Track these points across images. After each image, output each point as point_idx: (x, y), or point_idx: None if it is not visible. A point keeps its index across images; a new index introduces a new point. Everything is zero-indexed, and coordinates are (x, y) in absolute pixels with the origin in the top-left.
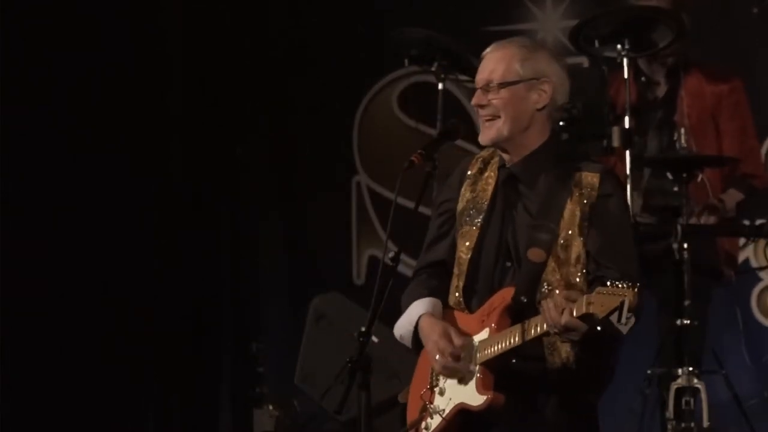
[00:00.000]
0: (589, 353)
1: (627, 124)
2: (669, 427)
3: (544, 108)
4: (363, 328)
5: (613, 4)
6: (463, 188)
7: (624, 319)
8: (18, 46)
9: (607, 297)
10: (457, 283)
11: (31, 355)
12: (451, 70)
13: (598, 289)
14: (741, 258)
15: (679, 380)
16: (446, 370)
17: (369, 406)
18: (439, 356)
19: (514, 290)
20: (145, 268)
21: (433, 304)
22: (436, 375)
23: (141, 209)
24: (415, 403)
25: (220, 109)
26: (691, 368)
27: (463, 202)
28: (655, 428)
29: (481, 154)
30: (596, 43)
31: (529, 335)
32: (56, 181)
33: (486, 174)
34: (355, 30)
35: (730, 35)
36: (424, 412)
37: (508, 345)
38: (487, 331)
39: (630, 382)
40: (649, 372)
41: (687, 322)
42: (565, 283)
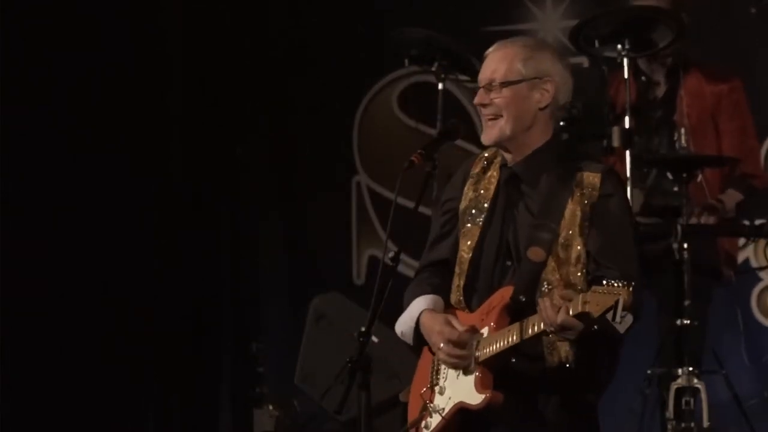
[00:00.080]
0: (588, 353)
1: (627, 124)
2: (669, 427)
3: (546, 107)
4: (363, 328)
5: (613, 4)
6: (466, 187)
7: (618, 318)
8: (18, 46)
9: (603, 296)
10: (458, 282)
11: (31, 355)
12: (451, 70)
13: (593, 288)
14: (741, 258)
15: (679, 380)
16: (451, 358)
17: (369, 406)
18: (444, 344)
19: (513, 289)
20: (145, 268)
21: (434, 301)
22: (437, 373)
23: (141, 209)
24: (415, 403)
25: (220, 109)
26: (691, 368)
27: (465, 201)
28: (655, 428)
29: (485, 154)
30: (596, 43)
31: (527, 334)
32: (56, 181)
33: (489, 173)
34: (355, 30)
35: (730, 35)
36: (425, 412)
37: (507, 344)
38: (486, 330)
39: (630, 382)
40: (649, 372)
41: (687, 322)
42: (565, 283)
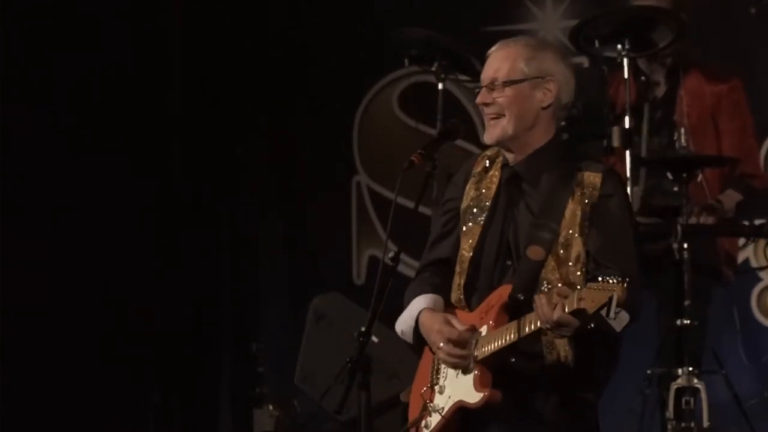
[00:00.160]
0: (587, 351)
1: (627, 124)
2: (669, 427)
3: (549, 107)
4: (363, 328)
5: (613, 4)
6: (468, 186)
7: (613, 314)
8: (18, 46)
9: (597, 292)
10: (459, 281)
11: (31, 355)
12: (451, 70)
13: (588, 285)
14: (741, 258)
15: (679, 380)
16: (450, 358)
17: (369, 406)
18: (443, 343)
19: (512, 288)
20: (145, 268)
21: (434, 300)
22: (437, 372)
23: (141, 209)
24: (416, 402)
25: (220, 109)
26: (691, 368)
27: (467, 200)
28: (655, 428)
29: (487, 153)
30: (596, 43)
31: (524, 331)
32: (56, 181)
33: (491, 172)
34: (355, 30)
35: (730, 35)
36: (425, 411)
37: (505, 342)
38: (485, 329)
39: (630, 382)
40: (649, 372)
41: (687, 322)
42: (564, 282)
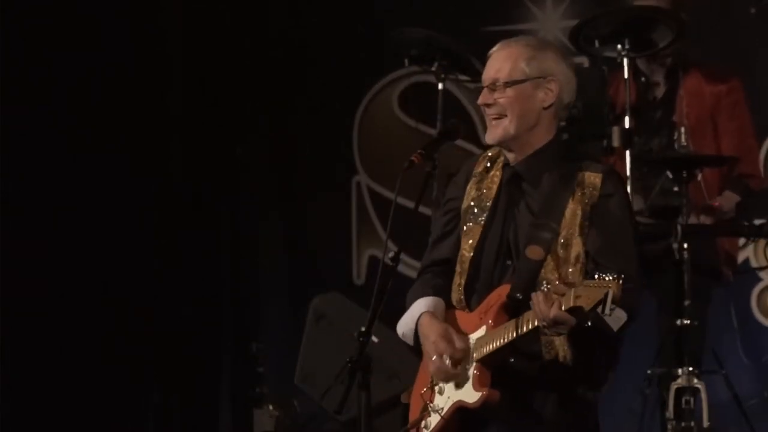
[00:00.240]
0: (586, 351)
1: (627, 124)
2: (669, 427)
3: (550, 106)
4: (363, 328)
5: (613, 4)
6: (469, 186)
7: (608, 311)
8: (18, 46)
9: (593, 289)
10: (459, 281)
11: (31, 355)
12: (451, 70)
13: (585, 282)
14: (741, 258)
15: (679, 380)
16: (440, 373)
17: (369, 406)
18: (436, 357)
19: (511, 287)
20: (145, 268)
21: (435, 303)
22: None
23: (141, 209)
24: (416, 403)
25: (220, 109)
26: (691, 368)
27: (468, 200)
28: (655, 428)
29: (488, 153)
30: (596, 43)
31: (522, 330)
32: (56, 181)
33: (492, 172)
34: (355, 30)
35: (730, 35)
36: (425, 412)
37: (504, 341)
38: (485, 329)
39: (630, 382)
40: (649, 372)
41: (687, 322)
42: (564, 282)
